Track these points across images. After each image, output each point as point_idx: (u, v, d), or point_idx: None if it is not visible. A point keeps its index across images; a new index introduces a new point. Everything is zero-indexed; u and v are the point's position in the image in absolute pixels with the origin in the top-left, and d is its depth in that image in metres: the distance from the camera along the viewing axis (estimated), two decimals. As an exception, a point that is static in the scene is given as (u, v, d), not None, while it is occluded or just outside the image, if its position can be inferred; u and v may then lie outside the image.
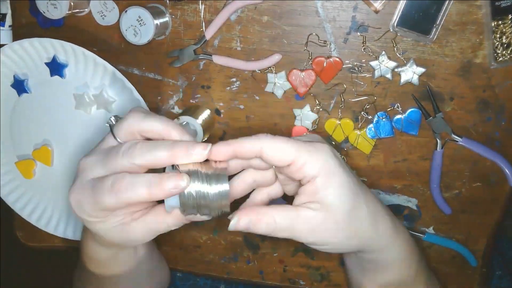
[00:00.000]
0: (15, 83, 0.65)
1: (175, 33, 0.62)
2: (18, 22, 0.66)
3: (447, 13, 0.55)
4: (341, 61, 0.59)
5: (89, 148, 0.65)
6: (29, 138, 0.68)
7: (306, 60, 0.59)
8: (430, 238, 0.66)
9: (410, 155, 0.63)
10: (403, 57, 0.58)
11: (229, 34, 0.60)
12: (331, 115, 0.62)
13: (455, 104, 0.60)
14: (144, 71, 0.64)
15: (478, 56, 0.57)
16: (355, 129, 0.62)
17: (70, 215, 0.71)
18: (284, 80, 0.61)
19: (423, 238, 0.66)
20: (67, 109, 0.64)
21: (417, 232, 0.66)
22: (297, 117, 0.62)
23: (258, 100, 0.63)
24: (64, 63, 0.62)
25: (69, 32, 0.64)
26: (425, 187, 0.64)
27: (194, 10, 0.60)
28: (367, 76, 0.60)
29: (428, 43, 0.57)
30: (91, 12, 0.62)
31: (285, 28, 0.59)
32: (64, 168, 0.69)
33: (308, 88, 0.60)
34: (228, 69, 0.62)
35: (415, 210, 0.65)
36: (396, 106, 0.60)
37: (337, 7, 0.57)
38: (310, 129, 0.63)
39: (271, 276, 0.73)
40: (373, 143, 0.62)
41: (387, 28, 0.57)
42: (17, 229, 0.78)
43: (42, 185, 0.70)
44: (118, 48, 0.64)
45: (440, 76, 0.58)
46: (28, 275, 1.29)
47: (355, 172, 0.64)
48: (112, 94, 0.63)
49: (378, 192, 0.65)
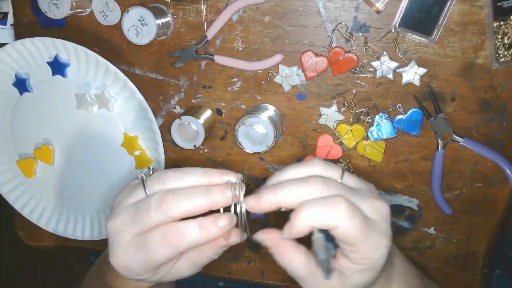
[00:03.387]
0: (17, 82, 0.65)
1: (177, 33, 0.62)
2: (20, 21, 0.66)
3: (449, 13, 0.55)
4: (357, 60, 0.59)
5: (89, 147, 0.66)
6: (30, 137, 0.68)
7: (325, 47, 0.59)
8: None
9: (411, 155, 0.63)
10: (404, 58, 0.58)
11: (230, 34, 0.60)
12: (354, 120, 0.62)
13: (457, 104, 0.60)
14: (145, 71, 0.64)
15: (479, 57, 0.57)
16: (363, 138, 0.62)
17: (70, 214, 0.71)
18: (295, 73, 0.60)
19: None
20: (69, 109, 0.64)
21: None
22: (322, 116, 0.62)
23: (259, 100, 0.63)
24: (66, 62, 0.62)
25: (71, 32, 0.64)
26: (426, 188, 0.64)
27: (196, 10, 0.60)
28: (369, 77, 0.60)
29: (430, 43, 0.57)
30: (93, 12, 0.62)
31: (287, 28, 0.59)
32: (65, 167, 0.69)
33: (317, 74, 0.59)
34: (229, 69, 0.62)
35: (416, 210, 0.65)
36: (398, 107, 0.60)
37: (339, 7, 0.57)
38: (334, 130, 0.62)
39: (272, 276, 0.73)
40: (382, 150, 0.62)
41: (388, 29, 0.57)
42: (18, 228, 0.78)
43: (42, 184, 0.71)
44: (120, 48, 0.64)
45: (441, 76, 0.58)
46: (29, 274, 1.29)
47: (356, 174, 0.64)
48: (114, 93, 0.63)
49: (379, 192, 0.65)
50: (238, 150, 0.66)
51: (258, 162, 0.66)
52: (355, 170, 0.64)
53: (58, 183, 0.70)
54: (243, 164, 0.67)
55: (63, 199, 0.71)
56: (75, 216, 0.71)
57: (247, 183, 0.67)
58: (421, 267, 0.68)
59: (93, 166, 0.68)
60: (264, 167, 0.66)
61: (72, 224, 0.72)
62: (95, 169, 0.68)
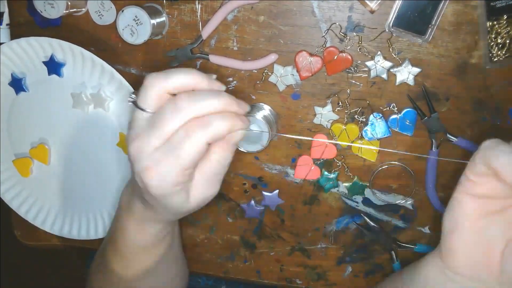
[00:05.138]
0: (13, 81, 0.65)
1: (172, 33, 0.62)
2: (16, 21, 0.66)
3: (443, 13, 0.55)
4: (351, 60, 0.59)
5: (85, 147, 0.66)
6: (27, 137, 0.69)
7: (319, 47, 0.59)
8: (421, 248, 0.66)
9: (405, 155, 0.63)
10: (398, 57, 0.58)
11: (225, 34, 0.61)
12: (349, 120, 0.62)
13: (451, 104, 0.60)
14: (141, 70, 0.65)
15: (473, 57, 0.57)
16: (358, 138, 0.62)
17: (67, 213, 0.72)
18: (290, 73, 0.61)
19: (415, 249, 0.66)
20: (65, 108, 0.65)
21: (408, 243, 0.66)
22: (317, 115, 0.62)
23: (254, 100, 0.63)
24: (61, 62, 0.62)
25: (66, 32, 0.64)
26: (420, 187, 0.64)
27: (191, 9, 0.60)
28: (363, 76, 0.60)
29: (424, 43, 0.57)
30: (88, 12, 0.62)
31: (282, 28, 0.59)
32: (61, 166, 0.69)
33: (311, 74, 0.59)
34: (224, 69, 0.62)
35: (411, 209, 0.66)
36: (392, 106, 0.61)
37: (333, 7, 0.58)
38: (329, 130, 0.63)
39: (268, 275, 0.73)
40: (377, 150, 0.62)
41: (382, 28, 0.57)
42: (15, 228, 0.78)
43: (39, 183, 0.71)
44: (115, 47, 0.64)
45: (435, 76, 0.59)
46: (26, 274, 1.30)
47: (353, 173, 0.65)
48: (110, 93, 0.63)
49: (373, 191, 0.65)
50: (233, 150, 0.66)
51: (253, 161, 0.66)
52: (350, 169, 0.64)
53: (54, 182, 0.70)
54: (238, 164, 0.67)
55: (59, 198, 0.71)
56: (71, 215, 0.72)
57: (243, 182, 0.67)
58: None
59: (89, 166, 0.68)
60: (259, 166, 0.67)
61: (69, 223, 0.72)
62: (91, 168, 0.68)
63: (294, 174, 0.66)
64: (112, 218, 0.70)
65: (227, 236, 0.72)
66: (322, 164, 0.65)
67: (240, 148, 0.62)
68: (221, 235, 0.72)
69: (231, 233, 0.72)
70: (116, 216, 0.55)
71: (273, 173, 0.67)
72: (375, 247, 0.68)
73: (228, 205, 0.70)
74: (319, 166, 0.65)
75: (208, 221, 0.71)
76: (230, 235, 0.72)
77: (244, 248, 0.72)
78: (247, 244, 0.72)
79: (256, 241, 0.71)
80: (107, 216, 0.70)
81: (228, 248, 0.73)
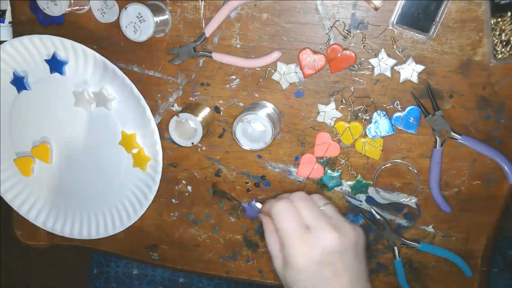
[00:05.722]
0: (15, 80, 0.65)
1: (175, 31, 0.62)
2: (18, 19, 0.66)
3: (447, 10, 0.55)
4: (355, 57, 0.59)
5: (87, 145, 0.66)
6: (28, 135, 0.68)
7: (323, 44, 0.59)
8: (425, 247, 0.66)
9: (409, 153, 0.62)
10: (402, 55, 0.58)
11: (228, 31, 0.60)
12: (353, 118, 0.62)
13: (455, 101, 0.60)
14: (144, 68, 0.64)
15: (477, 54, 0.57)
16: (361, 136, 0.62)
17: (68, 212, 0.71)
18: (293, 71, 0.60)
19: (418, 247, 0.66)
20: (67, 106, 0.64)
21: (412, 240, 0.66)
22: (320, 113, 0.62)
23: (257, 98, 0.63)
24: (64, 60, 0.62)
25: (69, 30, 0.64)
26: (424, 185, 0.64)
27: (194, 7, 0.60)
28: (367, 74, 0.60)
29: (428, 40, 0.57)
30: (91, 10, 0.62)
31: (285, 25, 0.59)
32: (63, 165, 0.69)
33: (314, 72, 0.59)
34: (227, 67, 0.62)
35: (415, 208, 0.65)
36: (396, 104, 0.60)
37: (337, 5, 0.57)
38: (332, 128, 0.63)
39: (270, 275, 0.73)
40: (380, 148, 0.62)
41: (386, 26, 0.57)
42: (16, 227, 0.78)
43: (40, 182, 0.70)
44: (118, 45, 0.64)
45: (439, 73, 0.58)
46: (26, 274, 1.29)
47: (354, 172, 0.64)
48: (112, 91, 0.63)
49: (377, 190, 0.65)
50: (236, 148, 0.66)
51: (256, 159, 0.66)
52: (354, 168, 0.64)
53: (55, 182, 0.70)
54: (241, 162, 0.66)
55: (61, 197, 0.71)
56: (72, 214, 0.71)
57: (245, 181, 0.67)
58: (419, 266, 0.68)
59: (91, 164, 0.67)
60: (262, 164, 0.66)
61: (70, 222, 0.71)
62: (93, 167, 0.68)
63: (297, 172, 0.65)
64: (113, 217, 0.70)
65: (230, 235, 0.71)
66: (325, 163, 0.64)
67: (243, 146, 0.61)
68: (223, 235, 0.72)
69: (233, 232, 0.71)
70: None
71: (276, 171, 0.66)
72: (378, 247, 0.68)
73: (231, 204, 0.69)
74: (322, 164, 0.64)
75: (211, 221, 0.71)
76: (232, 234, 0.71)
77: (246, 247, 0.72)
78: (250, 244, 0.71)
79: (259, 241, 0.71)
80: (109, 216, 0.69)
81: (230, 248, 0.72)
